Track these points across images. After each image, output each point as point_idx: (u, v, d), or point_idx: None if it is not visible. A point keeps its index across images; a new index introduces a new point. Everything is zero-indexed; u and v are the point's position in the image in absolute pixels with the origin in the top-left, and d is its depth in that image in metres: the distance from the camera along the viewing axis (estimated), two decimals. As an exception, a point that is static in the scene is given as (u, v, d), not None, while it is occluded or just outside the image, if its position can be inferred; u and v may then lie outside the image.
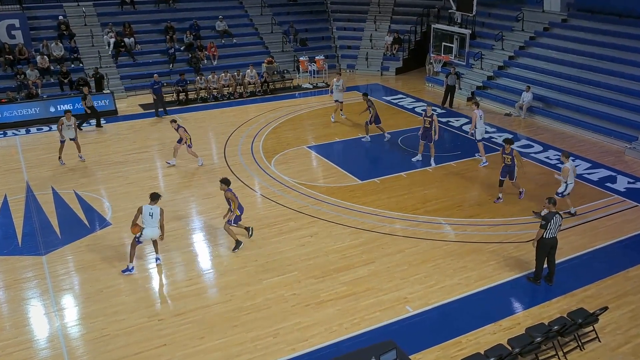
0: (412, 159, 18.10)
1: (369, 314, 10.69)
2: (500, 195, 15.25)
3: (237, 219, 12.81)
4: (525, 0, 27.68)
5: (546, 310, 10.79)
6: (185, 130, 17.48)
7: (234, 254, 12.82)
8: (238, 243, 12.96)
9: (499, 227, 13.97)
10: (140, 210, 11.86)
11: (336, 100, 22.13)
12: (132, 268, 12.15)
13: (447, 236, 13.65)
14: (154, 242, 12.39)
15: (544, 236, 11.10)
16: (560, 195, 13.88)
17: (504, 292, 11.40)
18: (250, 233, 13.47)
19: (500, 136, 20.33)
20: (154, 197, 11.97)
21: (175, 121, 17.74)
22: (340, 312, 10.78)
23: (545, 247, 11.24)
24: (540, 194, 15.13)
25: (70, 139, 18.02)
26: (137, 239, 12.00)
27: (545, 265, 11.52)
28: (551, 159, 18.22)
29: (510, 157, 14.77)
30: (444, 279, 11.77)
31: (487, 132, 20.72)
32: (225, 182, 12.64)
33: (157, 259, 12.49)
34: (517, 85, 23.93)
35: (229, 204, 12.75)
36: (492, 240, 13.29)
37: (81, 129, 21.19)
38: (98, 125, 21.88)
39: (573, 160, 17.92)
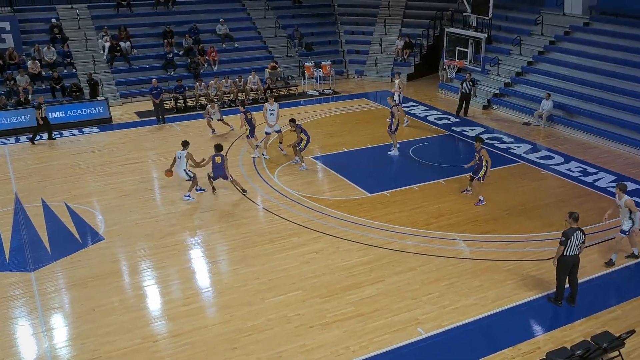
0: (388, 153, 19.62)
1: (378, 336, 10.64)
2: (468, 187, 16.30)
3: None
4: (545, 3, 27.76)
5: (568, 334, 10.71)
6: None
7: (233, 271, 12.82)
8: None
9: (517, 243, 13.91)
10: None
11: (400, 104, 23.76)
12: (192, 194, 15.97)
13: (462, 253, 13.60)
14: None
15: (565, 254, 11.04)
16: (626, 233, 12.81)
17: (522, 314, 11.33)
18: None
19: (518, 147, 20.33)
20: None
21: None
22: (348, 334, 10.74)
23: (566, 266, 11.18)
24: (561, 209, 15.07)
25: None
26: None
27: (566, 285, 11.45)
28: (573, 172, 18.18)
29: (479, 155, 15.42)
30: (459, 299, 11.71)
31: (504, 142, 20.78)
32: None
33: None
34: (537, 93, 23.92)
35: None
36: (509, 258, 13.23)
37: (34, 143, 21.14)
38: (50, 137, 21.56)
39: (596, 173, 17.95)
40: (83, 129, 22.59)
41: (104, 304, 11.70)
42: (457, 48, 25.36)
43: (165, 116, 23.48)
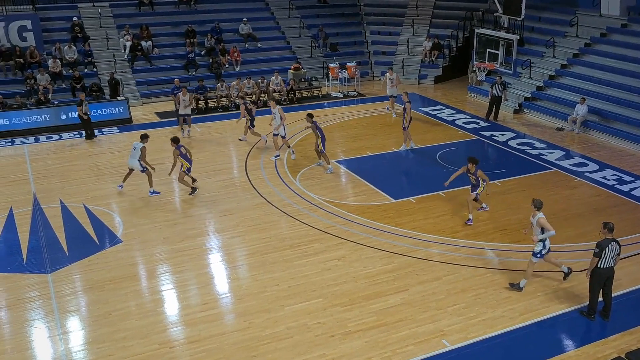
0: (400, 149, 20.38)
1: (401, 348, 10.58)
2: (483, 204, 15.77)
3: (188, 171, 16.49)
4: (580, 3, 27.43)
5: (601, 350, 10.54)
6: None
7: (252, 277, 12.86)
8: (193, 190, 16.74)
9: (548, 254, 13.70)
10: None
11: (391, 96, 24.59)
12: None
13: (490, 263, 13.47)
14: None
15: (599, 265, 10.87)
16: (537, 255, 12.10)
17: (553, 328, 11.18)
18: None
19: (550, 153, 20.09)
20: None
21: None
22: (369, 344, 10.69)
23: (600, 278, 11.01)
24: (595, 219, 14.84)
25: None
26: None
27: (600, 299, 11.27)
28: (608, 180, 17.90)
29: (475, 177, 15.03)
30: (486, 311, 11.59)
31: (536, 148, 20.56)
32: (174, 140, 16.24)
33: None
34: (571, 97, 23.64)
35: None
36: (540, 269, 13.06)
37: (92, 138, 21.67)
38: (87, 136, 22.04)
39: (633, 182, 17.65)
40: (103, 129, 22.90)
41: (120, 308, 11.82)
42: (488, 50, 25.17)
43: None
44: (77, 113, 21.77)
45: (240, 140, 21.20)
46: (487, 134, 22.18)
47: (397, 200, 16.56)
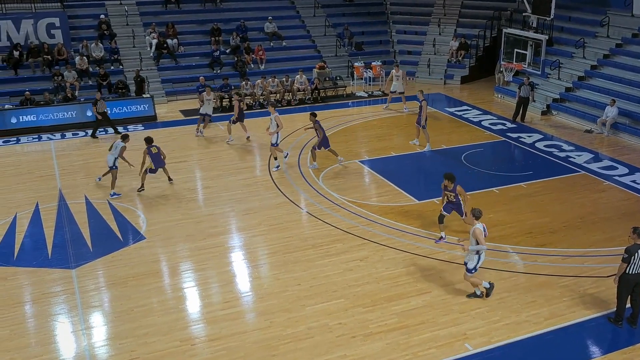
0: (410, 142, 20.81)
1: (423, 350, 10.53)
2: (442, 234, 14.29)
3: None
4: (612, 3, 27.00)
5: (629, 357, 10.40)
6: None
7: (274, 276, 12.91)
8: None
9: (574, 258, 13.56)
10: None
11: (393, 91, 24.93)
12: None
13: (515, 267, 13.34)
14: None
15: (627, 272, 10.71)
16: (472, 271, 11.76)
17: (579, 334, 11.04)
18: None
19: (578, 155, 19.83)
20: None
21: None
22: (390, 346, 10.66)
23: (629, 284, 10.84)
24: (624, 223, 14.61)
25: None
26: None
27: (628, 305, 11.10)
28: (638, 183, 17.62)
29: (454, 194, 13.95)
30: (510, 315, 11.49)
31: (563, 150, 20.30)
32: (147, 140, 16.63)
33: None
34: (600, 99, 23.30)
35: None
36: (566, 274, 12.90)
37: (95, 137, 21.94)
38: (116, 132, 22.24)
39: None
40: (128, 127, 23.16)
41: (143, 304, 11.95)
42: (516, 50, 24.91)
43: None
44: (94, 112, 22.06)
45: (248, 139, 21.49)
46: (514, 135, 21.96)
47: (421, 202, 16.48)
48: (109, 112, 22.43)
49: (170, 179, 17.74)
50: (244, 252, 14.13)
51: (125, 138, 17.21)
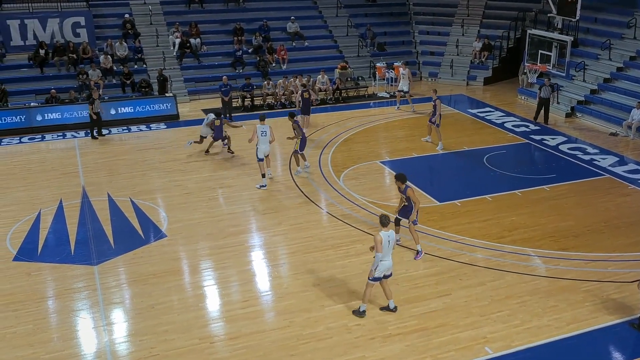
0: (422, 139, 21.05)
1: (442, 353, 10.48)
2: (397, 236, 13.69)
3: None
4: (638, 4, 26.60)
5: (652, 364, 10.25)
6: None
7: (293, 276, 12.94)
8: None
9: (597, 262, 13.39)
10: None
11: (400, 91, 24.81)
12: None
13: (536, 270, 13.22)
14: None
15: (652, 277, 10.56)
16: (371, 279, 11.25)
17: (601, 339, 10.91)
18: None
19: (603, 159, 19.58)
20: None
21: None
22: (410, 348, 10.63)
23: (653, 290, 10.69)
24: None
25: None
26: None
27: (652, 311, 10.96)
28: (664, 188, 17.37)
29: (405, 196, 13.24)
30: (531, 319, 11.39)
31: (588, 153, 20.06)
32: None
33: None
34: (626, 101, 22.99)
35: None
36: (589, 278, 12.75)
37: (95, 138, 21.91)
38: (99, 134, 22.17)
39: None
40: (150, 125, 23.38)
41: (163, 302, 12.05)
42: (540, 51, 24.69)
43: (233, 114, 23.96)
44: (89, 112, 21.76)
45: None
46: (537, 137, 21.75)
47: (442, 203, 16.40)
48: (103, 112, 22.29)
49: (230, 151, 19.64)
50: (263, 252, 14.19)
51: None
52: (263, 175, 17.42)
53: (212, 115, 20.01)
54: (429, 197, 16.76)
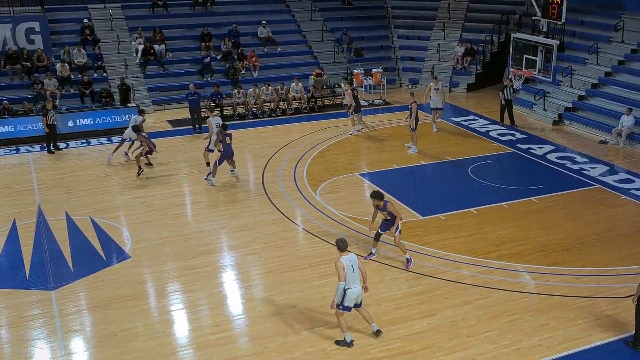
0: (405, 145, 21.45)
1: (428, 377, 10.50)
2: (373, 250, 14.30)
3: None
4: (627, 6, 27.20)
5: (648, 384, 10.37)
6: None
7: (268, 297, 12.87)
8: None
9: (589, 277, 13.55)
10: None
11: (434, 108, 23.79)
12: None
13: (526, 287, 13.33)
14: None
15: (647, 292, 10.71)
16: (340, 307, 11.03)
17: (595, 358, 11.01)
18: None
19: (592, 168, 19.88)
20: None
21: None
22: (393, 373, 10.63)
23: (648, 305, 10.84)
24: (643, 240, 14.68)
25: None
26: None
27: (647, 328, 11.10)
28: (656, 198, 17.68)
29: (386, 212, 13.61)
30: (521, 339, 11.46)
31: (576, 162, 20.36)
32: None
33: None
34: (616, 108, 23.41)
35: None
36: (581, 294, 12.89)
37: (52, 152, 21.80)
38: (55, 148, 22.05)
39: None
40: (112, 138, 23.17)
41: (127, 329, 11.89)
42: (525, 56, 25.02)
43: (202, 125, 23.84)
44: (43, 124, 21.68)
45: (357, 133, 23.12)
46: (524, 146, 22.03)
47: (426, 217, 16.50)
48: (59, 124, 22.21)
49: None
50: (236, 272, 14.11)
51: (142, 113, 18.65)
52: (207, 164, 18.96)
53: (139, 118, 20.82)
54: (411, 210, 16.85)
